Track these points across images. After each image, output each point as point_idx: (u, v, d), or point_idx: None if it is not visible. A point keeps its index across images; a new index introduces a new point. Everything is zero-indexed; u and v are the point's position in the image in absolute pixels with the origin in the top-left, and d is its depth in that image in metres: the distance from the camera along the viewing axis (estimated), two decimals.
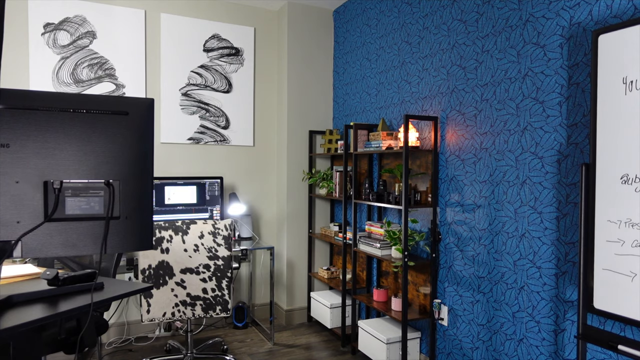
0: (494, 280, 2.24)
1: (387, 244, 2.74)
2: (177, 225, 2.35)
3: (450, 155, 2.51)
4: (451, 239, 2.50)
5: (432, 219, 2.57)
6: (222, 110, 3.57)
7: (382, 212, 3.12)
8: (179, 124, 3.43)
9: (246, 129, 3.67)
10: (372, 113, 3.24)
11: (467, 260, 2.39)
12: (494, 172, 2.24)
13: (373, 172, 3.22)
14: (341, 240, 3.25)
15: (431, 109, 2.65)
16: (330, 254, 3.78)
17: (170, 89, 3.39)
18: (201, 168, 3.52)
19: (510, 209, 2.16)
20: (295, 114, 3.66)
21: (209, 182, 3.30)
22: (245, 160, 3.69)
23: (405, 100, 2.88)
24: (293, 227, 3.66)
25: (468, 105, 2.39)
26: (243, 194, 3.67)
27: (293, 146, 3.66)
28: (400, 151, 2.56)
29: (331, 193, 3.49)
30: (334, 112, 3.82)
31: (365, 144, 2.96)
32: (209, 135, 3.52)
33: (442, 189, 2.57)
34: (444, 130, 2.56)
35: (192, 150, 3.49)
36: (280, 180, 3.74)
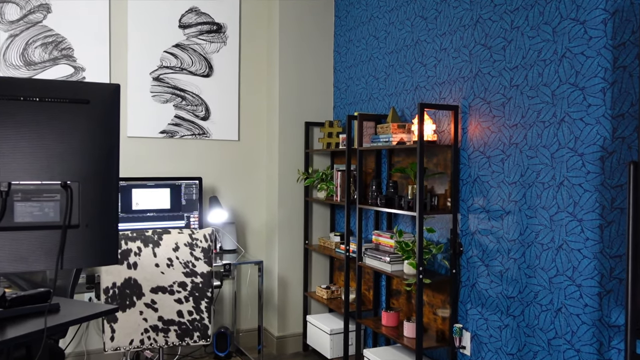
0: (526, 301, 2.25)
1: (399, 258, 2.75)
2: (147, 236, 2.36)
3: (473, 152, 2.52)
4: (475, 252, 2.51)
5: (452, 228, 2.58)
6: (200, 97, 3.57)
7: (392, 219, 3.13)
8: (150, 114, 3.43)
9: (230, 120, 3.68)
10: (381, 101, 3.25)
11: (494, 277, 2.40)
12: (526, 172, 2.25)
13: (381, 172, 3.22)
14: (343, 253, 3.26)
15: (450, 97, 2.66)
16: (331, 270, 3.78)
17: (139, 73, 3.40)
18: (176, 167, 3.52)
19: (545, 215, 2.17)
20: (288, 102, 3.67)
21: (185, 183, 3.30)
22: (228, 157, 3.70)
23: (420, 86, 2.89)
24: (286, 237, 3.66)
25: (494, 92, 2.40)
26: (226, 198, 3.68)
27: (286, 141, 3.66)
28: (413, 147, 2.57)
29: (331, 196, 3.50)
30: (334, 100, 3.82)
31: (372, 138, 2.97)
32: (186, 127, 3.53)
33: (463, 191, 2.57)
34: (465, 122, 2.56)
35: (165, 146, 3.49)
36: (271, 182, 3.74)
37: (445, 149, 2.66)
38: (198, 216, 3.33)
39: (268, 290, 3.72)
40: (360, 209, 3.00)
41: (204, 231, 2.42)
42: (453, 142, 2.57)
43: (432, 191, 2.75)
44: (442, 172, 2.67)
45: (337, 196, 3.37)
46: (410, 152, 2.94)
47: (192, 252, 2.39)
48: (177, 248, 2.38)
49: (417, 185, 2.47)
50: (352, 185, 3.21)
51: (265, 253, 3.82)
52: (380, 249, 2.92)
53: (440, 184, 2.71)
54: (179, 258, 2.38)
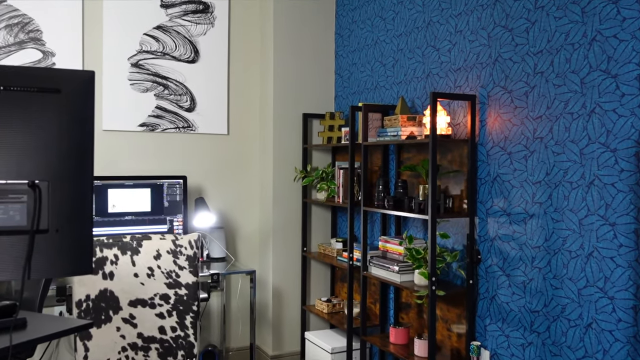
0: (552, 316, 2.26)
1: (409, 267, 2.75)
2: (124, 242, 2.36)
3: (492, 147, 2.52)
4: (494, 260, 2.51)
5: (469, 233, 2.58)
6: (185, 86, 3.57)
7: (401, 223, 3.14)
8: (128, 105, 3.43)
9: (218, 111, 3.68)
10: (388, 90, 3.25)
11: (516, 289, 2.40)
12: (551, 170, 2.26)
13: (389, 170, 3.23)
14: (346, 262, 3.27)
15: (467, 85, 2.67)
16: (332, 281, 3.79)
17: (115, 59, 3.40)
18: (157, 164, 3.53)
19: (573, 219, 2.18)
20: (284, 91, 3.67)
21: (168, 183, 3.31)
22: (217, 153, 3.70)
23: (433, 73, 2.89)
24: (281, 243, 3.67)
25: (516, 79, 2.41)
26: (214, 200, 3.68)
27: (282, 135, 3.67)
28: (425, 141, 2.57)
29: (333, 197, 3.50)
30: (336, 88, 3.82)
31: (378, 131, 2.97)
32: (168, 119, 3.53)
33: (482, 192, 2.58)
34: (484, 114, 2.57)
35: (145, 141, 3.50)
36: (265, 181, 3.75)
37: (461, 144, 2.67)
38: (182, 220, 3.33)
39: (261, 303, 3.72)
40: (365, 212, 3.00)
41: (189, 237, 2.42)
42: (470, 137, 2.57)
43: (446, 192, 2.75)
44: (457, 170, 2.68)
45: (339, 197, 3.37)
46: (421, 147, 2.95)
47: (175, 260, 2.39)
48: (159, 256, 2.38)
49: (429, 184, 2.47)
50: (356, 185, 3.21)
51: (258, 261, 3.83)
52: (387, 257, 2.92)
53: (455, 184, 2.71)
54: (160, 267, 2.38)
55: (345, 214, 3.69)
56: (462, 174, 2.66)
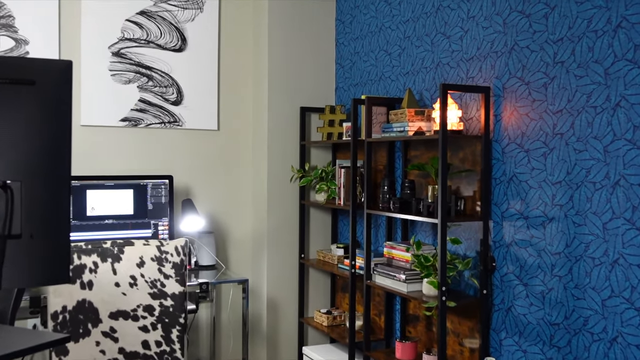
0: (574, 329, 2.26)
1: (416, 275, 2.75)
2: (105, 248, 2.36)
3: (508, 144, 2.52)
4: (510, 268, 2.51)
5: (483, 238, 2.58)
6: (171, 77, 3.57)
7: (408, 227, 3.14)
8: (109, 98, 3.43)
9: (207, 105, 3.68)
10: (394, 82, 3.25)
11: (534, 299, 2.41)
12: (573, 169, 2.26)
13: (395, 169, 3.22)
14: (348, 270, 3.27)
15: (480, 76, 2.67)
16: (332, 290, 3.79)
17: (95, 47, 3.40)
18: (141, 163, 3.52)
19: (597, 223, 2.18)
20: (280, 82, 3.67)
21: (153, 183, 3.31)
22: (206, 151, 3.70)
23: (443, 63, 2.89)
24: (277, 250, 3.67)
25: (534, 70, 2.41)
26: (203, 202, 3.68)
27: (277, 130, 3.66)
28: (435, 138, 2.57)
29: (333, 199, 3.50)
30: (337, 80, 3.82)
31: (383, 126, 2.97)
32: (153, 114, 3.53)
33: (496, 193, 2.58)
34: (499, 107, 2.57)
35: (127, 137, 3.49)
36: (259, 181, 3.74)
37: (474, 141, 2.67)
38: (168, 224, 3.33)
39: (255, 315, 3.72)
40: (369, 215, 3.00)
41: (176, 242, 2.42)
42: (483, 132, 2.57)
43: (458, 193, 2.75)
44: (469, 170, 2.68)
45: (340, 199, 3.37)
46: (430, 144, 2.95)
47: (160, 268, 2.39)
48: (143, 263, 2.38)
49: (439, 185, 2.47)
50: (359, 186, 3.21)
51: (251, 269, 3.82)
52: (393, 265, 2.92)
53: (467, 184, 2.71)
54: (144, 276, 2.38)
55: (346, 218, 3.69)
56: (475, 174, 2.66)
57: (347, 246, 3.47)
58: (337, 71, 3.80)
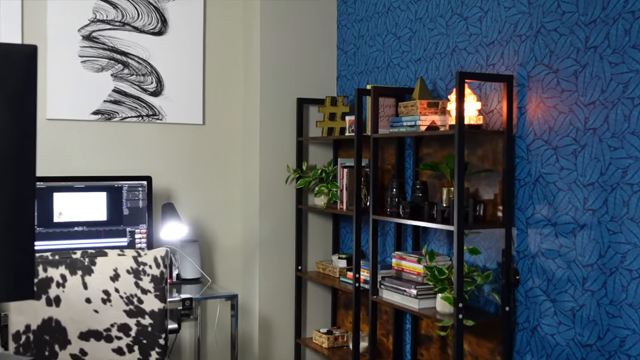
0: (608, 351, 2.25)
1: (429, 290, 2.75)
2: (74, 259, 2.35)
3: (534, 141, 2.51)
4: (536, 281, 2.50)
5: (505, 248, 2.57)
6: (150, 64, 3.56)
7: (419, 235, 3.13)
8: (78, 87, 3.42)
9: (191, 95, 3.67)
10: (404, 69, 3.24)
11: (564, 317, 2.40)
12: (607, 169, 2.25)
13: (405, 169, 3.22)
14: (351, 284, 3.26)
15: (502, 63, 2.66)
16: (334, 307, 3.78)
17: (63, 30, 3.39)
18: (115, 162, 3.52)
19: (635, 230, 2.17)
20: (274, 70, 3.66)
21: (129, 185, 3.30)
22: (189, 148, 3.69)
23: (459, 48, 2.89)
24: (270, 261, 3.66)
25: (563, 55, 2.40)
26: (186, 206, 3.68)
27: (270, 125, 3.66)
28: (450, 133, 2.57)
29: (334, 203, 3.49)
30: (338, 67, 3.81)
31: (391, 120, 2.96)
32: (129, 106, 3.52)
33: (521, 197, 2.57)
34: (523, 99, 2.56)
35: (100, 132, 3.49)
36: (249, 183, 3.74)
37: (495, 137, 2.66)
38: (146, 231, 3.32)
39: (245, 335, 3.71)
40: (375, 222, 2.99)
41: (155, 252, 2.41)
42: (505, 127, 2.56)
43: (477, 196, 2.74)
44: (490, 170, 2.67)
45: (342, 203, 3.36)
46: (445, 140, 2.94)
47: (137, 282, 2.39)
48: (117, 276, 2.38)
49: (455, 187, 2.46)
50: (364, 188, 3.20)
51: (241, 283, 3.81)
52: (403, 278, 2.91)
53: (487, 186, 2.70)
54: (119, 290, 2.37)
55: (349, 224, 3.68)
56: (496, 174, 2.65)
57: (351, 257, 3.47)
58: (339, 57, 3.80)
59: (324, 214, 3.79)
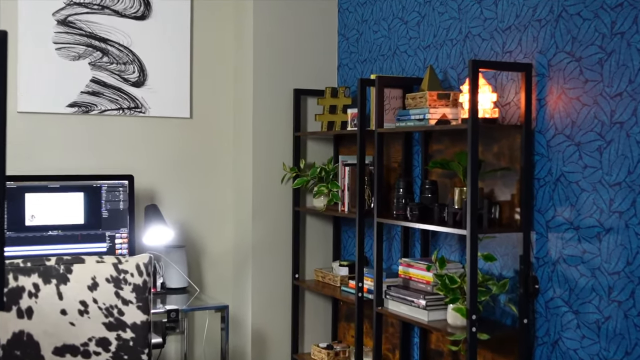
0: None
1: (439, 301, 2.74)
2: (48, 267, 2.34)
3: (555, 136, 2.51)
4: (557, 291, 2.50)
5: (523, 254, 2.57)
6: (132, 51, 3.56)
7: (429, 240, 3.12)
8: (53, 77, 3.42)
9: (177, 86, 3.66)
10: (412, 57, 3.24)
11: (587, 331, 2.39)
12: (636, 167, 2.25)
13: (413, 167, 3.21)
14: (353, 294, 3.26)
15: (519, 51, 2.65)
16: (334, 320, 3.78)
17: (36, 14, 3.38)
18: (94, 159, 3.51)
19: None
20: (268, 59, 3.65)
21: (109, 185, 3.29)
22: (175, 145, 3.68)
23: (472, 34, 2.88)
24: (264, 268, 3.65)
25: (587, 42, 2.39)
26: (171, 208, 3.67)
27: (265, 119, 3.65)
28: (463, 127, 2.56)
29: (335, 205, 3.49)
30: (339, 55, 3.80)
31: (398, 114, 2.96)
32: (108, 97, 3.51)
33: (540, 197, 2.56)
34: (543, 90, 2.56)
35: (76, 127, 3.48)
36: (241, 183, 3.73)
37: (512, 132, 2.66)
38: (128, 236, 3.31)
39: (236, 350, 3.70)
40: (380, 225, 2.99)
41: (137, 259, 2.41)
42: (523, 121, 2.56)
43: (492, 197, 2.74)
44: (506, 168, 2.67)
45: (343, 205, 3.36)
46: (457, 136, 2.93)
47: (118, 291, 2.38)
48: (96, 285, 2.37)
49: (468, 187, 2.46)
50: (368, 188, 3.20)
51: (232, 293, 3.81)
52: (411, 288, 2.91)
53: (504, 186, 2.69)
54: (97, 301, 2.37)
55: (352, 228, 3.68)
56: (514, 173, 2.65)
57: (353, 264, 3.46)
58: (340, 44, 3.79)
59: (323, 217, 3.79)
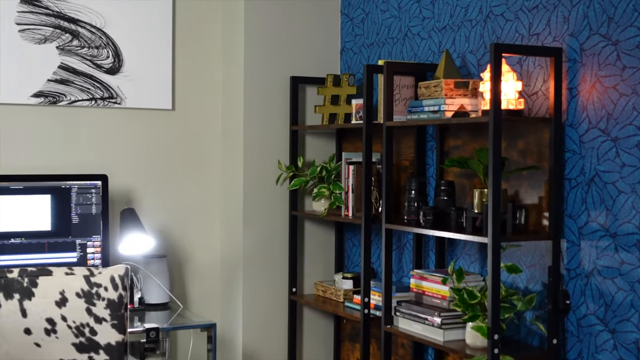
0: None
1: (457, 318, 2.74)
2: (10, 279, 2.34)
3: (588, 130, 2.51)
4: (591, 307, 2.50)
5: (552, 265, 2.57)
6: (106, 34, 3.55)
7: (445, 249, 3.12)
8: (15, 63, 3.42)
9: (157, 74, 3.66)
10: (425, 41, 3.24)
11: (625, 352, 2.39)
12: None
13: (427, 166, 3.22)
14: (359, 310, 3.26)
15: (548, 33, 2.66)
16: (336, 339, 3.77)
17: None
18: (63, 157, 3.51)
19: None
20: (261, 43, 3.65)
21: (79, 186, 3.29)
22: (155, 140, 3.68)
23: (494, 14, 2.89)
24: (257, 281, 3.65)
25: (625, 23, 2.39)
26: (151, 212, 3.67)
27: (257, 111, 3.65)
28: (483, 120, 2.56)
29: (338, 209, 3.49)
30: (342, 38, 3.80)
31: (409, 105, 2.96)
32: (79, 86, 3.51)
33: (572, 200, 2.56)
34: (574, 78, 2.55)
35: (42, 120, 3.48)
36: (231, 183, 3.74)
37: (540, 126, 2.66)
38: (101, 244, 3.31)
39: None
40: (390, 232, 2.99)
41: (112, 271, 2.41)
42: (553, 114, 2.56)
43: (517, 200, 2.74)
44: (533, 167, 2.67)
45: (348, 209, 3.36)
46: (477, 130, 2.94)
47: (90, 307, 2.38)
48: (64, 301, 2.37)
49: (489, 189, 2.46)
50: (375, 190, 3.20)
51: (220, 310, 3.81)
52: (424, 303, 2.91)
53: (530, 188, 2.70)
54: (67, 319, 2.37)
55: (357, 235, 3.68)
56: (542, 173, 2.65)
57: (358, 276, 3.46)
58: (343, 25, 3.79)
59: (324, 223, 3.79)
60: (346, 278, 3.49)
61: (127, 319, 2.42)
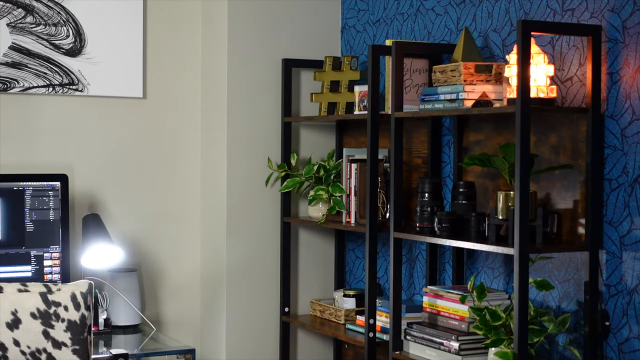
0: None
1: (477, 343, 2.75)
2: None
3: (632, 122, 2.51)
4: (635, 330, 2.50)
5: (589, 281, 2.57)
6: (65, 9, 3.56)
7: (464, 262, 3.13)
8: None
9: (126, 56, 3.67)
10: (440, 17, 3.25)
11: None
12: None
13: (442, 164, 3.23)
14: (362, 333, 3.27)
15: (584, 8, 2.66)
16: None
17: None
18: (15, 154, 3.51)
19: None
20: (248, 21, 3.67)
21: (34, 188, 3.29)
22: (124, 133, 3.69)
23: None
24: (243, 299, 3.66)
25: None
26: (119, 219, 3.67)
27: (243, 100, 3.66)
28: (509, 111, 2.57)
29: (338, 215, 3.50)
30: (343, 14, 3.81)
31: (422, 92, 2.97)
32: (34, 70, 3.52)
33: (612, 205, 2.57)
34: (616, 62, 2.56)
35: None
36: (212, 185, 3.75)
37: (575, 117, 2.66)
38: (60, 256, 3.32)
39: None
40: (399, 242, 3.00)
41: (73, 288, 2.42)
42: (590, 103, 2.56)
43: (548, 204, 2.75)
44: (567, 165, 2.67)
45: (349, 214, 3.36)
46: (502, 122, 2.95)
47: (47, 330, 2.39)
48: (17, 322, 2.38)
49: (516, 191, 2.47)
50: (382, 193, 3.21)
51: (200, 333, 3.82)
52: (439, 325, 2.92)
53: (563, 190, 2.71)
54: (20, 343, 2.38)
55: (360, 246, 3.69)
56: (577, 172, 2.66)
57: (362, 294, 3.47)
58: (344, 1, 3.81)
59: (322, 231, 3.80)
60: (348, 296, 3.50)
61: (91, 344, 2.42)
